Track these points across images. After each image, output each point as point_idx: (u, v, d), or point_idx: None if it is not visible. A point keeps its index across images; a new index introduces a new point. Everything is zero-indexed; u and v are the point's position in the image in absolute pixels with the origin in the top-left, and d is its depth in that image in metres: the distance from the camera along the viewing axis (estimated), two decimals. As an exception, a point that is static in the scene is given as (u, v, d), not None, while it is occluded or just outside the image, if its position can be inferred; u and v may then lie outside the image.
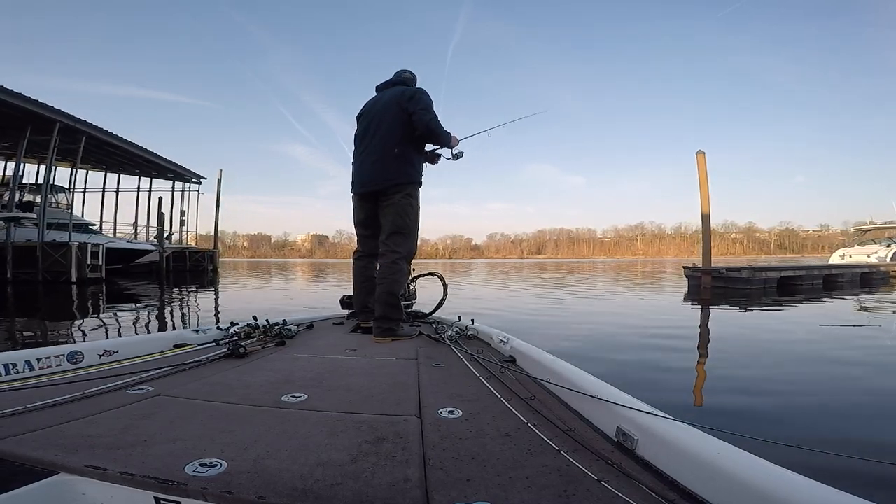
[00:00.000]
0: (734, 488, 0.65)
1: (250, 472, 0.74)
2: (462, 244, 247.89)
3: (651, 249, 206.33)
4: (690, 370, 3.11)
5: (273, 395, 1.20)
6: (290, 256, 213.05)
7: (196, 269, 21.90)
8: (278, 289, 11.98)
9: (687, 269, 10.91)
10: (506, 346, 1.81)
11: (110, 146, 17.34)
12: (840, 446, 1.70)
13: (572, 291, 10.00)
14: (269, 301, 8.53)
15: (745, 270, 9.75)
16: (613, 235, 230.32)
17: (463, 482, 0.74)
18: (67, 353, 1.50)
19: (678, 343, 4.08)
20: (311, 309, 6.61)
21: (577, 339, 4.28)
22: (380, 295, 2.23)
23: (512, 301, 8.29)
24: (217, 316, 6.49)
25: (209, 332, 2.02)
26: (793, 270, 10.93)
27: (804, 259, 60.86)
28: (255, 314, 2.26)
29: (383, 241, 2.34)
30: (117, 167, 22.17)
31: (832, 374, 2.93)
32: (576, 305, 7.51)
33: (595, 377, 1.16)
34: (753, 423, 2.04)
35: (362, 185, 2.40)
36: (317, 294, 10.44)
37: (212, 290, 11.44)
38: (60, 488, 0.71)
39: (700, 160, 10.22)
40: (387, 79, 2.52)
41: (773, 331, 4.89)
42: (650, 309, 7.09)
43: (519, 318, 5.93)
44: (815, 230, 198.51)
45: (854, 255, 17.79)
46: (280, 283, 14.88)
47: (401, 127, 2.29)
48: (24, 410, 1.00)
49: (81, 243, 12.79)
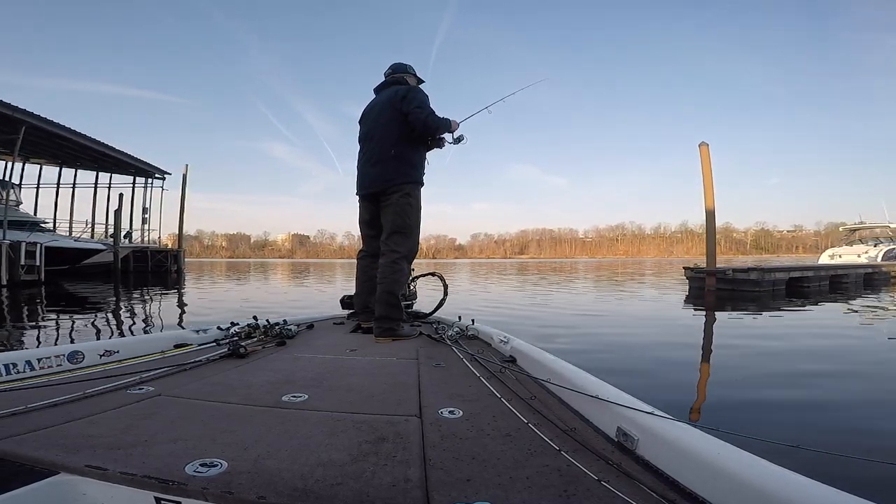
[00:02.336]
0: (735, 488, 0.64)
1: (251, 472, 0.73)
2: (446, 244, 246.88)
3: (631, 249, 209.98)
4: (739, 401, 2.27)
5: (274, 395, 1.20)
6: (270, 256, 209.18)
7: (159, 269, 20.37)
8: (246, 290, 10.87)
9: (688, 270, 10.04)
10: (506, 346, 1.79)
11: (60, 138, 15.64)
12: (840, 447, 1.67)
13: (561, 298, 8.82)
14: (228, 304, 7.55)
15: (753, 272, 8.90)
16: (595, 236, 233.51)
17: (463, 482, 0.73)
18: (68, 353, 1.48)
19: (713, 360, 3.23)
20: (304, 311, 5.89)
21: (569, 354, 3.44)
22: (380, 295, 2.23)
23: (499, 303, 7.41)
24: (160, 321, 5.65)
25: (210, 332, 2.02)
26: (801, 271, 10.20)
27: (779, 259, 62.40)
28: (255, 314, 2.26)
29: (383, 241, 2.34)
30: (73, 162, 20.50)
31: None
32: (565, 309, 6.74)
33: (595, 377, 1.14)
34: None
35: (364, 187, 2.42)
36: (291, 295, 9.54)
37: (173, 292, 10.29)
38: (61, 488, 0.71)
39: (703, 153, 9.39)
40: (383, 77, 2.53)
41: (833, 346, 3.90)
42: (651, 316, 6.20)
43: (512, 322, 5.16)
44: (790, 231, 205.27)
45: (844, 254, 17.62)
46: (250, 284, 13.72)
47: (396, 128, 2.30)
48: (25, 410, 0.99)
49: (13, 242, 11.35)
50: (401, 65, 2.50)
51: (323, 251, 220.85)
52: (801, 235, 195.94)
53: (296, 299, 8.88)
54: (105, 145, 17.90)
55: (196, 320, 5.49)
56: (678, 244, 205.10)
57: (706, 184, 9.33)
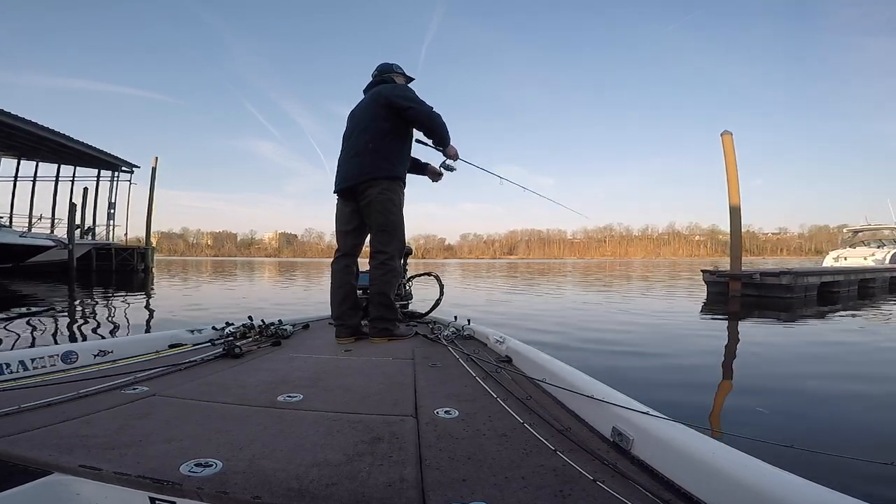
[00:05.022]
0: (729, 488, 0.64)
1: (246, 472, 0.73)
2: (435, 244, 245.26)
3: (619, 250, 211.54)
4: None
5: (269, 395, 1.20)
6: (257, 255, 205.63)
7: (124, 269, 19.08)
8: (219, 293, 10.12)
9: (707, 273, 8.98)
10: (502, 346, 1.79)
11: (9, 127, 14.40)
12: (835, 447, 1.66)
13: (561, 303, 8.01)
14: (192, 309, 6.70)
15: (785, 276, 7.81)
16: (583, 237, 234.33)
17: (459, 482, 0.73)
18: (62, 353, 1.48)
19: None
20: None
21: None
22: (373, 296, 2.22)
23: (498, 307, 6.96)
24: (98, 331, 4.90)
25: (204, 332, 2.01)
26: (831, 275, 9.20)
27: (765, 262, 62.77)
28: (251, 314, 2.23)
29: (371, 242, 2.31)
30: (32, 154, 19.09)
31: None
32: (570, 318, 5.87)
33: (591, 377, 1.14)
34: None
35: (341, 181, 2.33)
36: (275, 299, 8.74)
37: (138, 295, 9.26)
38: (55, 488, 0.71)
39: (727, 142, 8.38)
40: (372, 76, 2.49)
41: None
42: (667, 325, 5.21)
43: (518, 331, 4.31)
44: (774, 233, 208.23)
45: (850, 257, 17.00)
46: (227, 285, 12.82)
47: (377, 123, 2.25)
48: (19, 410, 0.99)
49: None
50: (387, 65, 2.46)
51: (310, 250, 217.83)
52: (786, 238, 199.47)
53: (283, 303, 7.93)
54: (63, 136, 16.57)
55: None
56: (665, 245, 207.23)
57: (730, 177, 8.33)
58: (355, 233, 2.34)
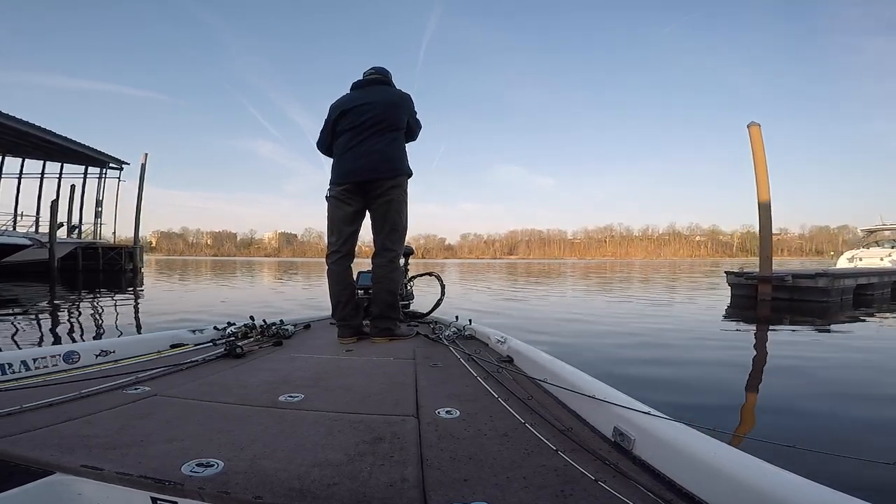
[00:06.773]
0: (731, 488, 0.63)
1: (247, 472, 0.73)
2: (435, 244, 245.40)
3: (620, 251, 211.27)
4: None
5: (270, 395, 1.19)
6: (256, 255, 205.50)
7: (112, 268, 18.53)
8: (210, 296, 9.39)
9: (731, 276, 8.33)
10: (503, 346, 1.78)
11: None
12: (836, 447, 1.62)
13: (564, 306, 7.45)
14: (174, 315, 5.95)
15: (822, 278, 7.19)
16: (583, 237, 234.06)
17: (460, 482, 0.73)
18: (64, 353, 1.48)
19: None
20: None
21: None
22: (379, 293, 2.20)
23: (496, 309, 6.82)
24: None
25: (206, 332, 2.01)
26: (867, 277, 8.68)
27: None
28: (252, 314, 2.20)
29: (380, 240, 2.28)
30: (17, 150, 18.66)
31: None
32: (575, 326, 5.24)
33: (592, 377, 1.13)
34: None
35: (353, 174, 2.22)
36: (271, 306, 8.20)
37: (123, 296, 8.67)
38: (57, 488, 0.70)
39: (754, 134, 7.69)
40: (362, 75, 2.45)
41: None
42: (691, 335, 4.54)
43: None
44: (775, 233, 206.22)
45: (865, 257, 16.46)
46: (222, 287, 12.05)
47: (401, 124, 2.28)
48: (21, 410, 0.98)
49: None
50: (384, 68, 2.43)
51: (310, 250, 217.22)
52: (787, 238, 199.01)
53: (283, 308, 7.08)
54: (47, 131, 16.06)
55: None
56: (665, 246, 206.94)
57: (759, 171, 7.63)
58: (356, 234, 2.34)
